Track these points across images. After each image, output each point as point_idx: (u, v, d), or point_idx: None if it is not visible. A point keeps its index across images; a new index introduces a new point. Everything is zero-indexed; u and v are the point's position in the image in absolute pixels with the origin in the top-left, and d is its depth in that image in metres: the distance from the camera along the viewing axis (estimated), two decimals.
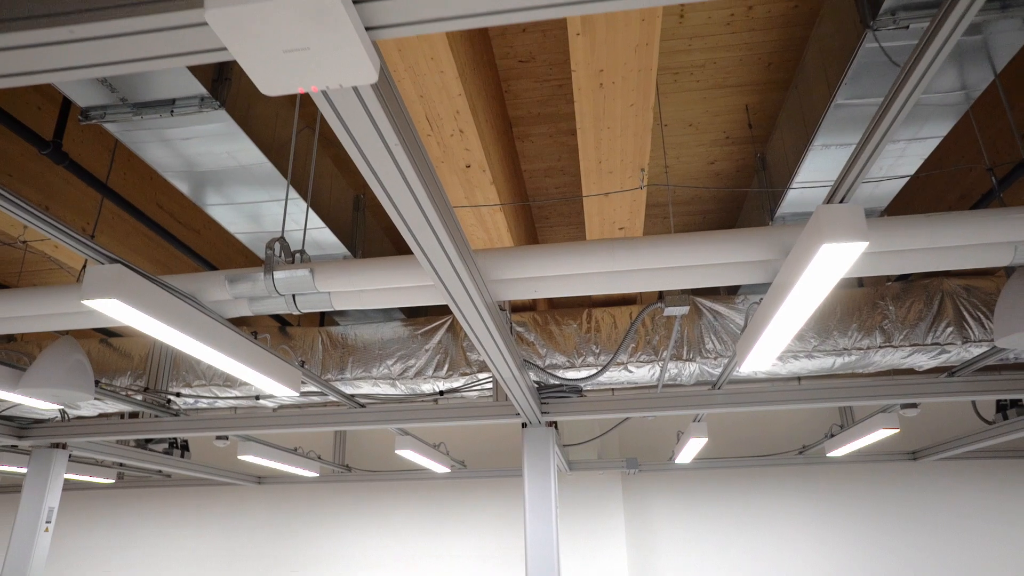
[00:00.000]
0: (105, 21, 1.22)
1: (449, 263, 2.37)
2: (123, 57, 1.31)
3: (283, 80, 1.30)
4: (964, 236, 2.61)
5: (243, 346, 3.26)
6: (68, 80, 1.35)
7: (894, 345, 5.21)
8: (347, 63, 1.25)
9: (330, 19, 1.15)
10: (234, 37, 1.18)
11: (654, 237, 2.83)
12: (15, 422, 5.45)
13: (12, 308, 2.87)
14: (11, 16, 1.26)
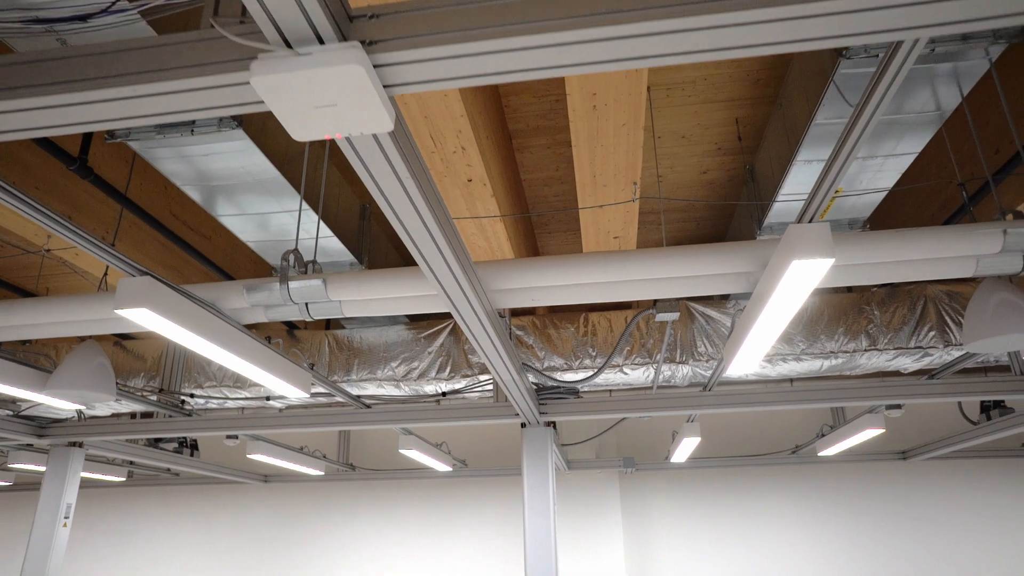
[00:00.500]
0: (165, 81, 1.44)
1: (452, 276, 2.58)
2: (176, 108, 1.53)
3: (313, 129, 1.52)
4: (930, 250, 2.82)
5: (259, 351, 3.48)
6: (128, 127, 1.56)
7: (879, 348, 5.42)
8: (368, 116, 1.47)
9: (355, 83, 1.37)
10: (273, 97, 1.40)
11: (643, 251, 3.05)
12: (35, 421, 5.67)
13: (48, 315, 3.09)
14: (83, 76, 1.48)
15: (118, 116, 1.50)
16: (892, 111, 3.55)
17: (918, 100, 3.43)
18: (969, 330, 3.39)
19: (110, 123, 1.52)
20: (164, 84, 1.44)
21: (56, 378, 3.93)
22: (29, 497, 10.40)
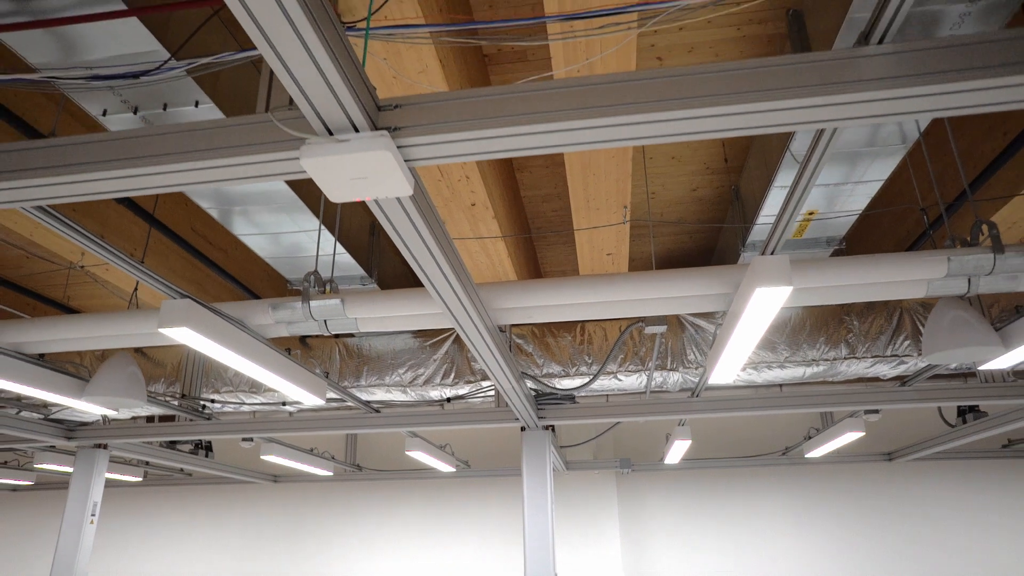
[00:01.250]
0: (230, 157, 1.79)
1: (457, 300, 2.93)
2: (236, 176, 1.88)
3: (347, 194, 1.87)
4: (884, 276, 3.16)
5: (281, 363, 3.82)
6: (197, 191, 1.91)
7: (857, 357, 5.76)
8: (392, 185, 1.82)
9: (383, 163, 1.72)
10: (318, 173, 1.75)
11: (630, 275, 3.39)
12: (64, 424, 6.02)
13: (96, 330, 3.44)
14: (164, 151, 1.83)
15: (192, 182, 1.85)
16: (861, 143, 3.88)
17: (884, 130, 3.77)
18: (928, 343, 3.72)
19: (185, 187, 1.86)
20: (229, 160, 1.80)
21: (93, 385, 4.28)
22: (49, 496, 10.76)
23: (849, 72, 1.63)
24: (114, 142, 1.83)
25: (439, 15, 2.81)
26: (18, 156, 1.87)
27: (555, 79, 1.75)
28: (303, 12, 1.37)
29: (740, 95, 1.65)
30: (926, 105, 1.63)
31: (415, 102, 1.77)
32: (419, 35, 2.67)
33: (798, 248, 5.23)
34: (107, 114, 3.28)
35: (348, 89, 1.58)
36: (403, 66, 2.89)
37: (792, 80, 1.65)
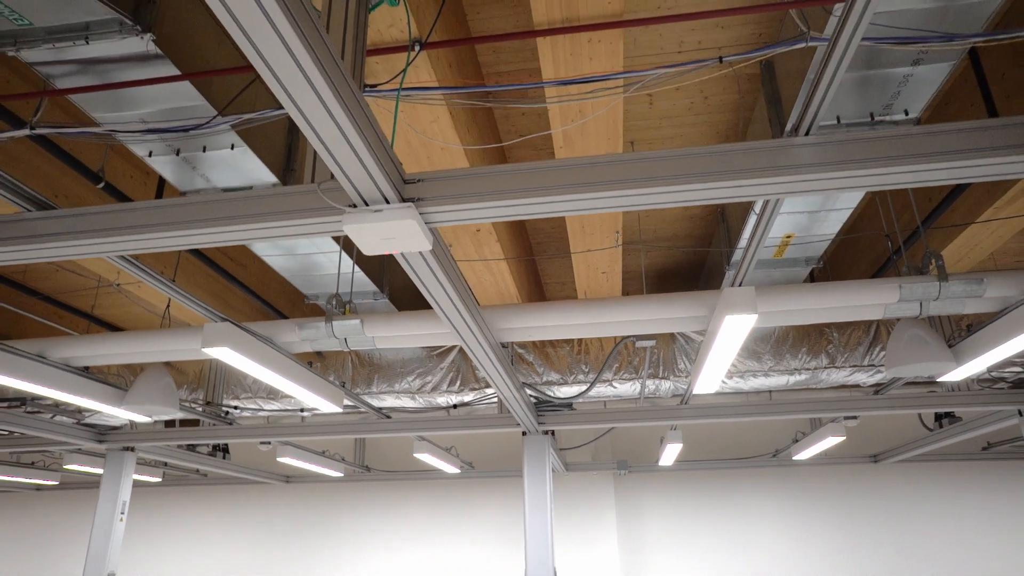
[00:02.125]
0: (281, 221, 2.21)
1: (464, 323, 3.34)
2: (285, 235, 2.30)
3: (378, 248, 2.29)
4: (844, 301, 3.57)
5: (304, 375, 4.24)
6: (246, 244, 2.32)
7: (837, 366, 6.16)
8: (416, 242, 2.23)
9: (409, 227, 2.14)
10: (355, 235, 2.17)
11: (620, 299, 3.80)
12: (96, 429, 6.45)
13: (142, 346, 3.86)
14: (225, 215, 2.25)
15: (253, 238, 2.26)
16: None
17: None
18: (890, 359, 4.13)
19: (248, 241, 2.28)
20: (284, 222, 2.21)
21: (132, 395, 4.71)
22: (72, 496, 11.20)
23: (783, 158, 2.04)
24: (191, 206, 2.25)
25: (451, 79, 3.23)
26: (109, 217, 2.29)
27: (552, 160, 2.17)
28: (345, 114, 1.78)
29: (702, 176, 2.07)
30: (838, 184, 2.05)
31: (435, 177, 2.18)
32: (434, 96, 3.09)
33: (779, 267, 5.62)
34: (152, 155, 3.71)
35: (380, 169, 1.99)
36: (417, 116, 3.31)
37: (740, 163, 2.07)
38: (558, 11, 2.79)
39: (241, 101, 3.46)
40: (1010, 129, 1.98)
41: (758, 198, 2.14)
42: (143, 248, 2.32)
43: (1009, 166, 2.04)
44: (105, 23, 2.86)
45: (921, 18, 2.93)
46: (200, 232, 2.22)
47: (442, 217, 2.20)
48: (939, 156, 2.00)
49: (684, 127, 5.14)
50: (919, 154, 2.00)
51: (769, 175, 2.05)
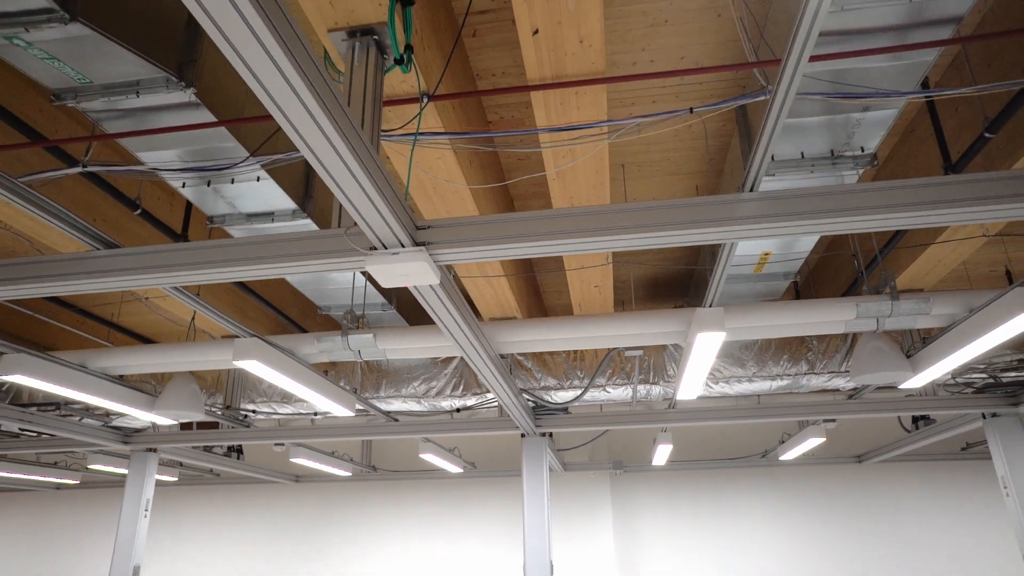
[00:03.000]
0: (310, 261, 2.63)
1: (467, 339, 3.76)
2: (313, 271, 2.72)
3: (394, 282, 2.71)
4: (807, 318, 3.98)
5: (321, 383, 4.66)
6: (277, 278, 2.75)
7: (816, 372, 6.57)
8: (427, 278, 2.65)
9: (421, 267, 2.56)
10: (376, 272, 2.59)
11: (607, 316, 4.22)
12: (121, 431, 6.88)
13: (176, 358, 4.28)
14: (273, 254, 2.67)
15: (289, 274, 2.69)
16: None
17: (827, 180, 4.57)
18: (854, 369, 4.54)
19: (281, 276, 2.69)
20: (317, 261, 2.64)
21: (161, 401, 5.13)
22: (90, 494, 11.65)
23: (735, 211, 2.46)
24: (241, 246, 2.67)
25: (455, 121, 3.65)
26: (168, 255, 2.72)
27: (546, 211, 2.59)
28: (367, 176, 2.19)
29: (674, 224, 2.49)
30: (779, 232, 2.46)
31: (443, 224, 2.61)
32: (440, 141, 3.51)
33: (760, 281, 6.03)
34: (185, 186, 4.13)
35: (395, 219, 2.41)
36: (424, 154, 3.72)
37: (703, 215, 2.49)
38: (549, 70, 3.21)
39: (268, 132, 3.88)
40: (919, 189, 2.40)
41: (720, 241, 2.56)
42: (196, 281, 2.74)
43: (923, 219, 2.46)
44: (154, 80, 3.29)
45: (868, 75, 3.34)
46: (248, 268, 2.64)
47: (449, 258, 2.62)
48: (861, 210, 2.41)
49: (670, 151, 5.56)
50: (843, 209, 2.42)
51: (726, 224, 2.47)
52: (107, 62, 3.13)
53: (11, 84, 3.82)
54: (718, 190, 5.96)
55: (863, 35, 3.11)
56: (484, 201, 4.48)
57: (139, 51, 3.08)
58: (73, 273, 2.71)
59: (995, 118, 3.68)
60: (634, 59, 4.25)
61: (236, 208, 4.55)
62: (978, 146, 3.80)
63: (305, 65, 1.71)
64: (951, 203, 2.49)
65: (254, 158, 3.59)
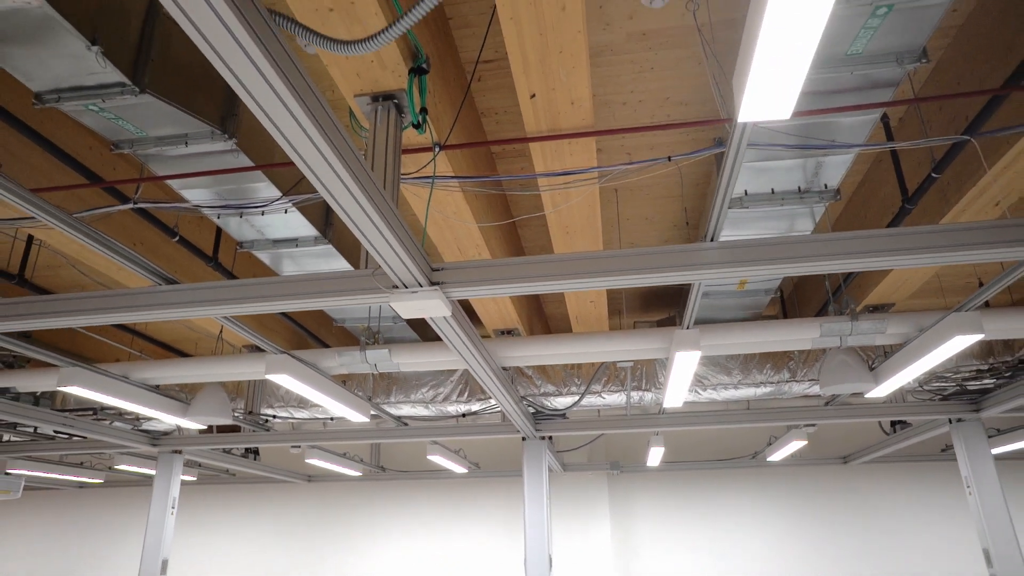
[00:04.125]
0: (349, 296, 3.12)
1: (472, 356, 4.25)
2: (341, 306, 3.21)
3: (413, 314, 3.20)
4: (776, 336, 4.45)
5: (341, 393, 5.15)
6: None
7: (797, 380, 7.04)
8: (440, 310, 3.15)
9: (436, 303, 3.05)
10: (399, 308, 3.08)
11: (598, 334, 4.70)
12: (150, 434, 7.38)
13: (204, 369, 4.78)
14: (311, 291, 3.16)
15: (324, 306, 3.18)
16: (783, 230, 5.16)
17: (798, 223, 5.05)
18: (823, 380, 5.02)
19: (318, 307, 3.18)
20: (348, 297, 3.13)
21: (194, 407, 5.63)
22: (116, 493, 12.18)
23: (697, 258, 2.94)
24: (286, 283, 3.16)
25: (463, 162, 4.13)
26: (221, 291, 3.21)
27: (545, 255, 3.08)
28: (390, 231, 2.67)
29: (652, 268, 2.98)
30: (738, 275, 2.95)
31: (454, 267, 3.09)
32: (450, 184, 3.99)
33: (744, 296, 6.51)
34: (220, 217, 4.62)
35: (414, 264, 2.90)
36: (436, 194, 4.21)
37: (672, 260, 2.97)
38: (544, 125, 3.69)
39: (296, 176, 4.37)
40: (855, 241, 2.88)
41: (688, 282, 3.05)
42: (247, 312, 3.23)
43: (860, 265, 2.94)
44: (200, 132, 3.78)
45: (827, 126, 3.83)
46: (292, 302, 3.13)
47: (460, 295, 3.11)
48: (807, 258, 2.90)
49: (659, 176, 6.03)
50: (791, 256, 2.90)
51: (692, 269, 2.95)
52: (163, 119, 3.62)
53: (72, 132, 4.32)
54: (704, 211, 6.44)
55: (815, 96, 3.59)
56: (489, 230, 4.96)
57: (190, 111, 3.57)
58: (141, 305, 3.20)
59: (940, 160, 4.15)
60: (624, 100, 4.73)
61: (264, 235, 5.04)
62: (927, 184, 4.27)
63: (335, 139, 2.19)
64: (886, 252, 2.98)
65: (287, 197, 4.08)
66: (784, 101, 1.75)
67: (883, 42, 3.12)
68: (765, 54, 1.56)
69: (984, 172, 4.14)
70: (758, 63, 1.60)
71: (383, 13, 2.87)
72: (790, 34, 1.49)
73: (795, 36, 1.48)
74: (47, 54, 3.01)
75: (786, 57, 1.55)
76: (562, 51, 3.18)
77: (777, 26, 1.53)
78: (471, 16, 3.97)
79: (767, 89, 1.67)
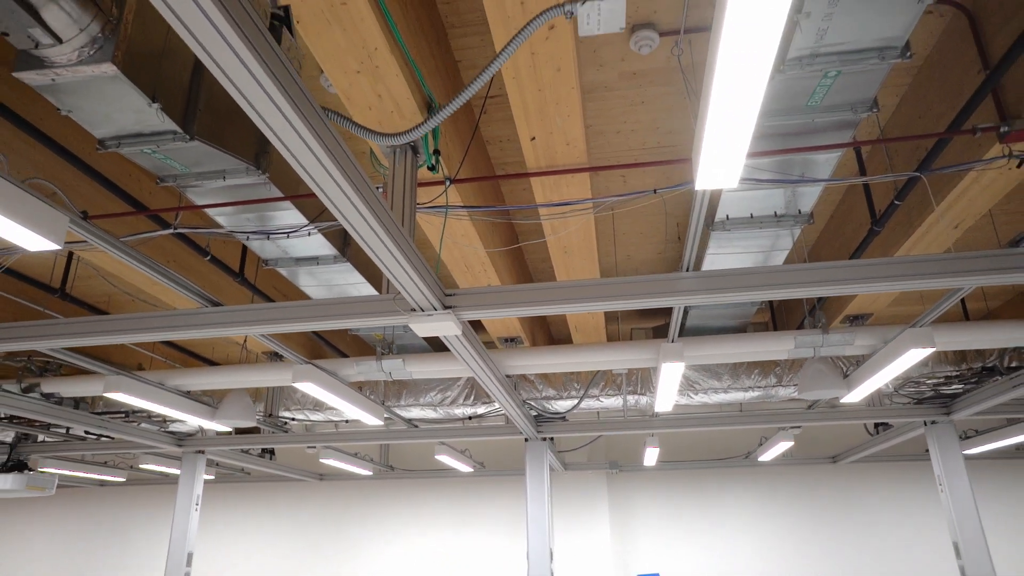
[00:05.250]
0: (374, 318, 3.59)
1: (479, 366, 4.71)
2: (366, 327, 3.68)
3: (428, 333, 3.66)
4: (755, 348, 4.90)
5: (359, 399, 5.62)
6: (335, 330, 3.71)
7: (783, 385, 7.49)
8: (451, 330, 3.61)
9: (449, 324, 3.52)
10: (416, 328, 3.55)
11: (595, 345, 5.16)
12: (175, 435, 7.87)
13: (233, 376, 5.25)
14: (342, 312, 3.63)
15: (352, 326, 3.64)
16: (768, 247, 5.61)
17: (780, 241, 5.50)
18: (800, 386, 5.46)
19: (346, 327, 3.64)
20: (373, 318, 3.60)
21: (221, 411, 6.10)
22: (137, 491, 12.68)
23: (676, 286, 3.40)
24: (315, 306, 3.63)
25: (470, 191, 4.59)
26: (261, 312, 3.68)
27: (547, 283, 3.54)
28: (410, 266, 3.13)
29: (640, 293, 3.44)
30: (713, 300, 3.40)
31: (465, 293, 3.56)
32: (460, 212, 4.46)
33: (731, 306, 6.96)
34: (249, 239, 5.09)
35: (429, 291, 3.37)
36: (447, 221, 4.67)
37: (654, 288, 3.43)
38: (544, 162, 4.16)
39: (319, 206, 4.84)
40: (814, 271, 3.33)
41: (668, 305, 3.51)
42: (281, 331, 3.70)
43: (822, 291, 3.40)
44: (236, 169, 4.24)
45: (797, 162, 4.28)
46: (323, 322, 3.60)
47: (470, 315, 3.57)
48: (771, 287, 3.35)
49: (651, 197, 6.48)
50: (757, 285, 3.36)
51: (672, 295, 3.41)
52: (204, 158, 4.09)
53: (115, 161, 4.79)
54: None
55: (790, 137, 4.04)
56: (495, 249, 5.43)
57: (230, 152, 4.04)
58: (193, 325, 3.68)
59: (901, 188, 4.60)
60: (617, 129, 5.19)
61: (287, 254, 5.50)
62: (891, 211, 4.72)
63: (366, 193, 2.66)
64: (847, 281, 3.43)
65: (313, 225, 4.55)
66: (730, 177, 2.21)
67: (837, 96, 3.56)
68: (711, 145, 2.02)
69: (943, 199, 4.58)
70: (706, 152, 2.05)
71: (403, 75, 3.33)
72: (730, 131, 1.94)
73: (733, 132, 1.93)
74: (113, 109, 3.47)
75: (727, 148, 2.00)
76: (558, 103, 3.64)
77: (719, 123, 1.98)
78: (478, 59, 4.44)
79: (715, 169, 2.12)
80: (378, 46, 3.18)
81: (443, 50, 4.16)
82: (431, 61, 3.84)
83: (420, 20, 3.70)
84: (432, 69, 3.82)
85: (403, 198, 3.66)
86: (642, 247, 7.44)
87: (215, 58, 1.72)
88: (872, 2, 2.85)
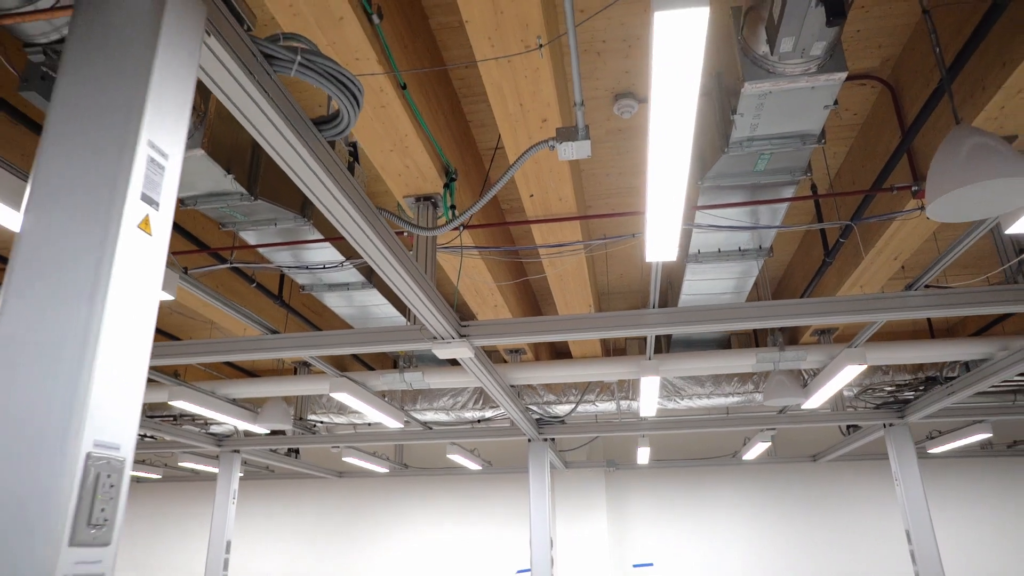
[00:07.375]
0: (404, 344, 4.47)
1: (488, 378, 5.58)
2: (394, 350, 4.57)
3: (446, 356, 4.55)
4: (720, 363, 5.75)
5: (383, 405, 6.50)
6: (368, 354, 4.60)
7: (760, 391, 8.33)
8: (466, 354, 4.49)
9: (463, 351, 4.40)
10: (439, 353, 4.44)
11: (588, 359, 6.01)
12: (215, 436, 8.77)
13: (274, 387, 6.13)
14: (380, 339, 4.52)
15: (386, 350, 4.52)
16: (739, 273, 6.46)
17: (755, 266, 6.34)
18: (766, 393, 6.30)
19: (381, 351, 4.51)
20: (403, 343, 4.48)
21: (262, 416, 7.00)
22: (171, 487, 13.64)
23: (645, 320, 4.26)
24: (356, 334, 4.50)
25: (482, 239, 5.46)
26: (311, 339, 4.56)
27: (550, 316, 4.42)
28: (432, 305, 3.99)
29: (624, 326, 4.30)
30: (678, 330, 4.26)
31: (479, 324, 4.43)
32: (472, 252, 5.32)
33: None
34: (289, 268, 5.97)
35: (447, 322, 4.24)
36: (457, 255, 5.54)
37: (630, 321, 4.30)
38: (540, 211, 5.02)
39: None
40: (762, 308, 4.19)
41: (638, 335, 4.37)
42: (327, 354, 4.57)
43: (771, 323, 4.25)
44: (286, 217, 5.12)
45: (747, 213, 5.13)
46: (362, 347, 4.48)
47: (483, 342, 4.44)
48: (728, 320, 4.21)
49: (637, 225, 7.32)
50: (715, 319, 4.21)
51: (641, 327, 4.28)
52: (261, 210, 4.97)
53: (187, 212, 5.68)
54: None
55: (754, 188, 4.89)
56: (500, 275, 6.31)
57: (282, 205, 4.92)
58: (255, 349, 4.55)
59: (843, 231, 5.44)
60: (607, 172, 6.04)
61: (321, 281, 6.38)
62: (837, 248, 5.56)
63: (395, 248, 3.52)
64: (791, 316, 4.28)
65: (350, 261, 5.42)
66: (669, 253, 3.06)
67: (777, 164, 4.41)
68: (653, 232, 2.87)
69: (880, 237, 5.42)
70: (650, 238, 2.91)
71: (426, 151, 4.20)
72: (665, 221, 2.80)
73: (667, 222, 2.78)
74: (197, 178, 4.35)
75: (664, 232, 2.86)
76: (551, 171, 4.51)
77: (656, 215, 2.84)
78: (486, 119, 5.31)
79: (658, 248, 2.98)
80: (407, 133, 4.06)
81: (457, 116, 5.04)
82: (447, 131, 4.71)
83: (439, 96, 4.57)
84: (448, 139, 4.69)
85: (427, 246, 4.54)
86: (630, 268, 8.29)
87: (315, 193, 2.59)
88: (787, 109, 3.70)
